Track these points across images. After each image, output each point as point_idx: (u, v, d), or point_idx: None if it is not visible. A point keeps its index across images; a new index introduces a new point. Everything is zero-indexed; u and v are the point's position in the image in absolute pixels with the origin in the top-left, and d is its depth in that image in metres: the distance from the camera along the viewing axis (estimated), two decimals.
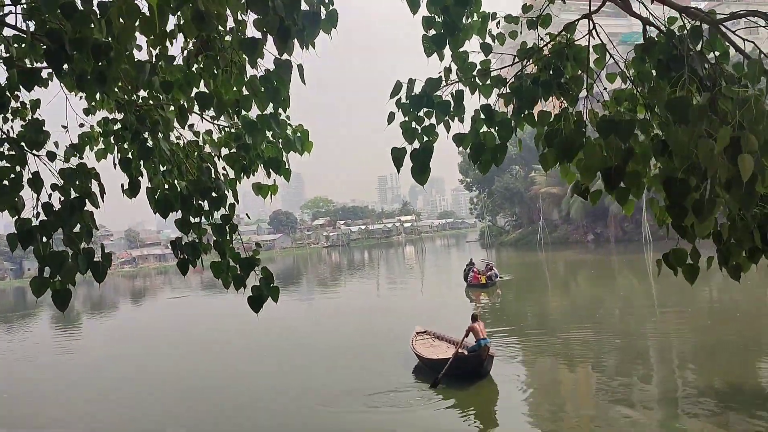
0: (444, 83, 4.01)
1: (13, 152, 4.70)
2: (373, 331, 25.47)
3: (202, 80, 4.42)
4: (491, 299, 32.51)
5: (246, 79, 4.19)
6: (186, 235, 5.42)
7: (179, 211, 5.34)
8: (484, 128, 4.08)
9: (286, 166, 5.84)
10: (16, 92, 5.53)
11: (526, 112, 4.16)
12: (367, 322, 28.34)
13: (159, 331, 33.47)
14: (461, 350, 16.68)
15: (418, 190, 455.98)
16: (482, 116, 4.08)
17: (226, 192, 5.27)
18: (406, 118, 4.02)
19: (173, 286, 75.82)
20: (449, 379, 16.21)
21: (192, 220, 5.46)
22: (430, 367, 16.98)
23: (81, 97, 6.18)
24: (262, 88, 3.94)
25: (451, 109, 4.05)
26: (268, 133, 5.81)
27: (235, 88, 4.36)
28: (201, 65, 4.40)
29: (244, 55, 4.13)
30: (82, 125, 6.20)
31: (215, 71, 4.21)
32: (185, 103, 4.51)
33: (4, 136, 5.37)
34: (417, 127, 4.02)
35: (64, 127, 6.07)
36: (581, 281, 40.79)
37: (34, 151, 4.52)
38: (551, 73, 4.13)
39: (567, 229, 76.13)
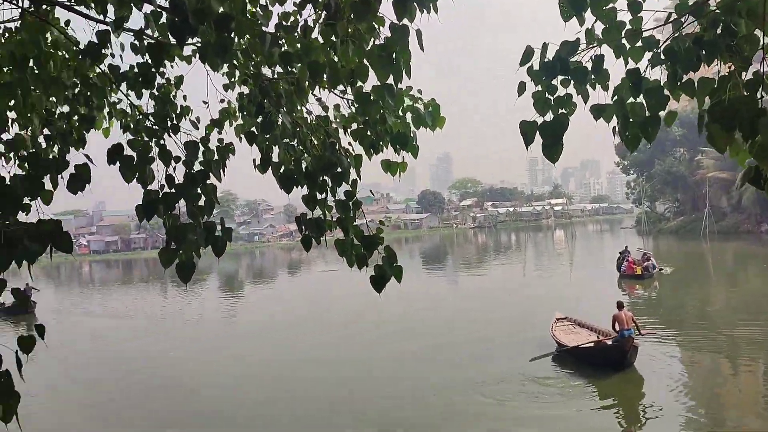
0: (582, 47, 3.50)
1: (148, 126, 4.85)
2: (514, 315, 24.78)
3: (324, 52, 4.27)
4: (647, 291, 30.30)
5: (365, 49, 3.95)
6: (312, 211, 5.33)
7: (305, 186, 5.26)
8: (631, 98, 3.52)
9: (414, 143, 5.56)
10: (162, 69, 5.73)
11: (683, 80, 3.53)
12: (509, 305, 27.66)
13: (308, 302, 34.97)
14: (603, 338, 16.01)
15: (571, 172, 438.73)
16: (629, 84, 3.52)
17: (349, 168, 5.11)
18: (538, 88, 3.56)
19: (326, 260, 79.21)
20: (590, 368, 15.41)
21: (318, 196, 5.35)
22: (569, 354, 16.27)
23: (223, 74, 6.32)
24: (379, 56, 3.69)
25: (591, 76, 3.52)
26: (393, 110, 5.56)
27: (356, 59, 4.14)
28: (320, 35, 4.23)
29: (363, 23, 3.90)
30: (222, 101, 6.32)
31: (333, 40, 4.02)
32: (304, 76, 4.37)
33: (142, 112, 5.59)
34: (550, 97, 3.54)
35: (205, 102, 6.22)
36: (751, 275, 36.79)
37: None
38: (718, 31, 3.45)
39: (737, 218, 69.24)
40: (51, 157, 4.76)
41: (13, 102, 4.51)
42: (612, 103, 3.61)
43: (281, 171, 5.10)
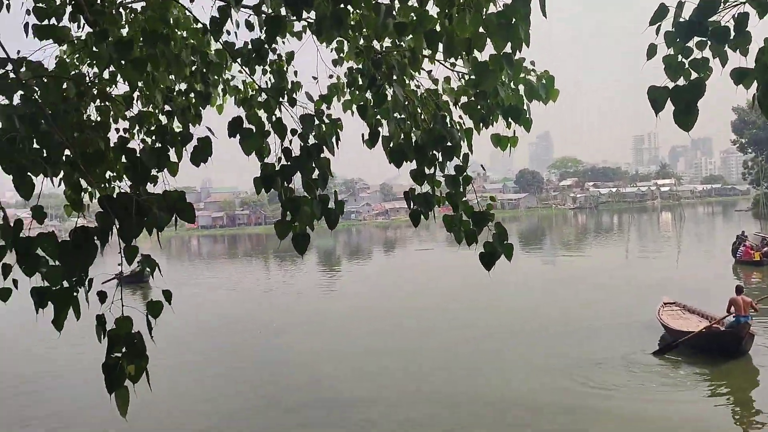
0: (722, 5, 3.20)
1: (262, 101, 4.97)
2: (616, 298, 23.84)
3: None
4: (766, 280, 28.29)
5: (482, 17, 3.82)
6: (420, 186, 5.30)
7: (413, 161, 5.22)
8: None
9: (528, 116, 5.38)
10: (274, 45, 5.85)
11: None
12: (610, 288, 26.64)
13: (404, 279, 35.21)
14: (716, 324, 15.07)
15: (680, 151, 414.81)
16: None
17: (460, 141, 5.02)
18: (671, 51, 3.30)
19: (420, 239, 79.45)
20: (701, 355, 14.62)
21: (426, 171, 5.31)
22: (686, 343, 15.45)
23: (332, 50, 6.37)
24: (497, 24, 3.56)
25: (731, 38, 3.23)
26: (506, 80, 5.41)
27: (472, 29, 4.03)
28: (435, 4, 4.15)
29: None
30: (331, 76, 6.38)
31: (447, 11, 3.93)
32: (418, 47, 4.31)
33: (261, 87, 5.72)
34: (684, 60, 3.28)
35: (314, 78, 6.30)
36: None
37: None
38: None
39: None
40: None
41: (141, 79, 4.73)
42: (753, 68, 3.30)
43: (391, 145, 5.09)
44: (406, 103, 4.95)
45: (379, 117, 5.42)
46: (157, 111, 5.08)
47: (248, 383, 15.22)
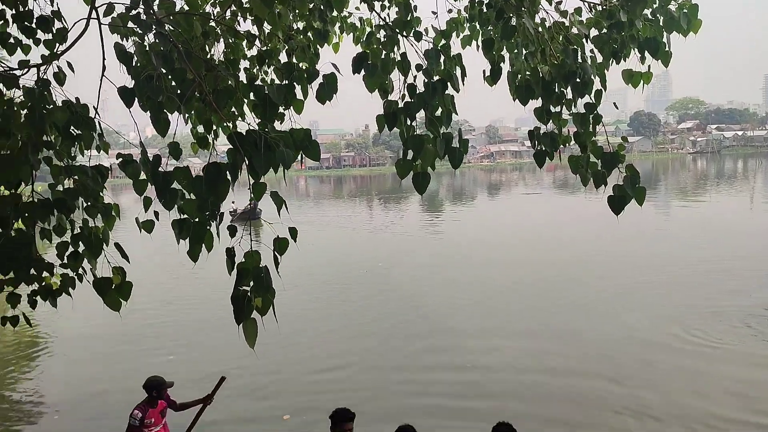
0: None
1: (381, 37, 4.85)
2: (736, 251, 22.29)
3: None
4: None
5: None
6: (545, 125, 5.05)
7: (539, 98, 4.97)
8: None
9: (666, 48, 4.96)
10: None
11: None
12: (730, 239, 24.92)
13: (509, 223, 34.66)
14: None
15: None
16: None
17: (592, 77, 4.70)
18: None
19: (526, 183, 77.81)
20: None
21: (552, 109, 5.04)
22: None
23: None
24: None
25: None
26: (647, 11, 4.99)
27: None
28: None
29: None
30: (450, 11, 6.15)
31: None
32: None
33: (382, 22, 5.59)
34: None
35: (434, 12, 6.09)
36: None
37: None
38: None
39: None
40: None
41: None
42: None
43: (517, 81, 4.86)
44: (537, 36, 4.67)
45: (502, 52, 5.19)
46: (279, 48, 5.09)
47: (368, 319, 15.74)
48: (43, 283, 4.62)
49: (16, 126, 3.92)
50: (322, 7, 5.85)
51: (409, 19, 4.85)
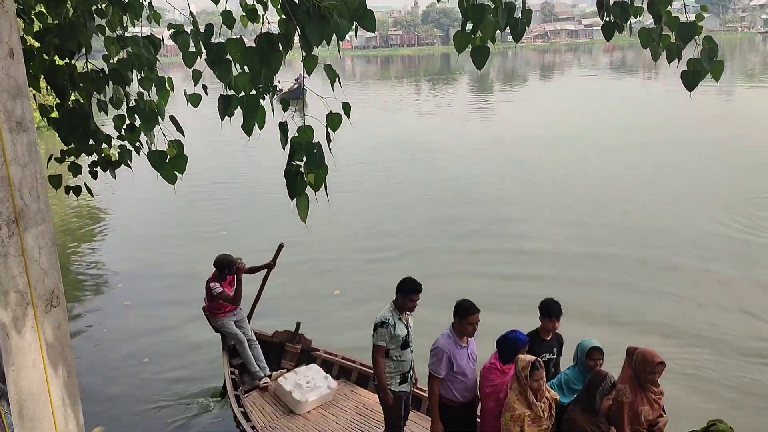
0: None
1: None
2: None
3: None
4: None
5: None
6: None
7: None
8: None
9: None
10: None
11: None
12: None
13: (563, 107, 33.57)
14: None
15: None
16: None
17: None
18: None
19: (581, 64, 74.51)
20: None
21: None
22: None
23: None
24: None
25: None
26: None
27: None
28: None
29: None
30: None
31: None
32: None
33: None
34: None
35: None
36: None
37: None
38: None
39: None
40: None
41: None
42: None
43: None
44: None
45: None
46: None
47: (415, 201, 15.88)
48: (102, 155, 4.73)
49: None
50: None
51: None
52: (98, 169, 4.79)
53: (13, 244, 1.99)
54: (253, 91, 3.60)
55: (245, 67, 3.73)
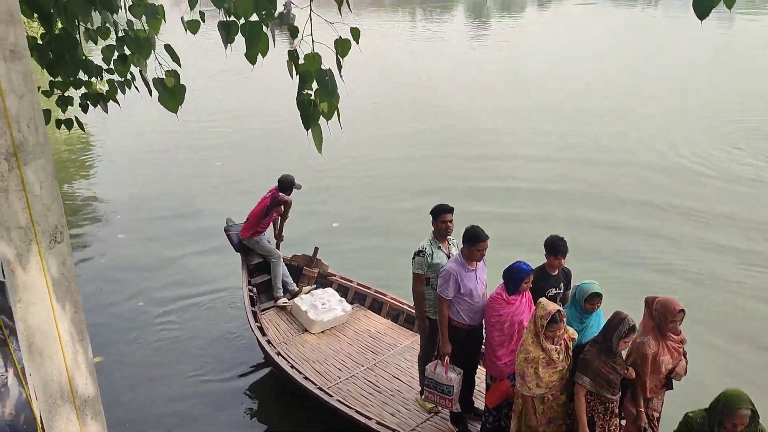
0: None
1: None
2: None
3: None
4: None
5: None
6: None
7: None
8: None
9: None
10: None
11: None
12: None
13: (564, 37, 32.78)
14: None
15: None
16: None
17: None
18: None
19: None
20: None
21: None
22: None
23: None
24: None
25: None
26: None
27: None
28: None
29: None
30: None
31: None
32: None
33: None
34: None
35: None
36: None
37: None
38: None
39: None
40: None
41: None
42: None
43: None
44: None
45: None
46: None
47: (415, 130, 15.72)
48: (92, 89, 4.56)
49: None
50: None
51: None
52: (88, 102, 4.62)
53: (14, 179, 1.91)
54: (255, 17, 3.44)
55: None
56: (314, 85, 3.50)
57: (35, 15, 3.82)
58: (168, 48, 4.12)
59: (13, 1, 1.79)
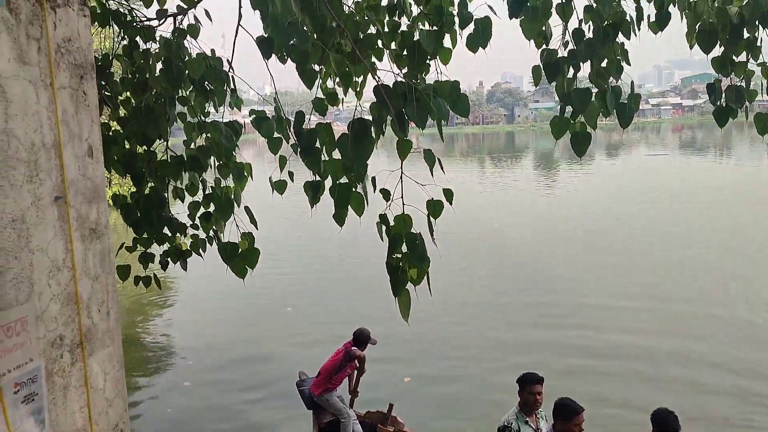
0: None
1: None
2: None
3: None
4: None
5: None
6: (726, 76, 4.32)
7: (723, 47, 4.22)
8: None
9: None
10: None
11: None
12: None
13: (633, 186, 32.60)
14: None
15: None
16: None
17: None
18: None
19: (649, 143, 73.28)
20: None
21: (735, 58, 4.29)
22: None
23: None
24: None
25: None
26: None
27: None
28: None
29: None
30: None
31: None
32: None
33: None
34: None
35: None
36: None
37: None
38: None
39: None
40: None
41: None
42: None
43: (698, 25, 4.13)
44: None
45: None
46: None
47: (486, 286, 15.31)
48: (174, 244, 4.53)
49: (152, 79, 3.73)
50: None
51: None
52: (169, 259, 4.58)
53: (75, 373, 1.69)
54: (344, 179, 3.35)
55: (332, 154, 3.52)
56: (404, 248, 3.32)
57: (128, 175, 3.89)
58: (247, 210, 4.07)
59: (100, 176, 1.68)
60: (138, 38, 4.12)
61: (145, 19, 4.19)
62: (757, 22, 3.94)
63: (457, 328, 12.30)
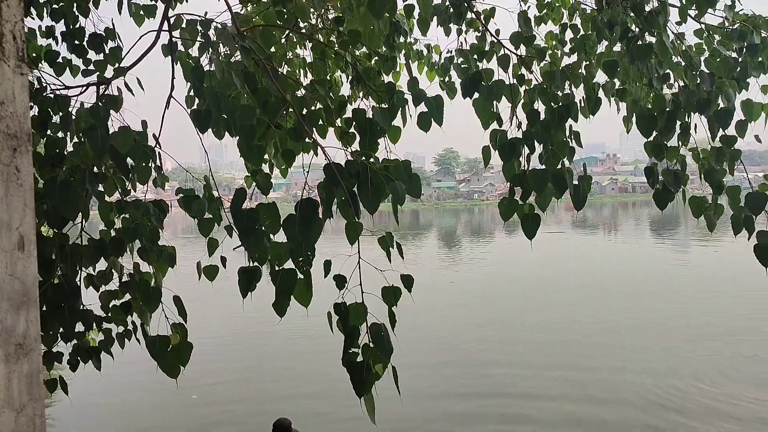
0: None
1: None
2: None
3: None
4: None
5: None
6: (659, 160, 4.42)
7: (655, 132, 4.34)
8: None
9: None
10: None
11: None
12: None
13: (536, 262, 33.60)
14: None
15: None
16: None
17: (732, 106, 4.04)
18: None
19: (545, 222, 76.27)
20: None
21: (667, 143, 4.43)
22: None
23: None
24: None
25: None
26: None
27: None
28: None
29: None
30: (533, 36, 5.56)
31: None
32: None
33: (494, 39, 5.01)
34: None
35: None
36: None
37: None
38: None
39: None
40: None
41: None
42: None
43: (636, 111, 4.21)
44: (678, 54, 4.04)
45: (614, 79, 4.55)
46: (374, 68, 4.49)
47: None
48: (84, 340, 3.95)
49: (74, 153, 3.31)
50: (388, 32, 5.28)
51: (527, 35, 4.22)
52: (79, 358, 3.97)
53: None
54: (289, 264, 3.02)
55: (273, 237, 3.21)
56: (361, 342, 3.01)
57: None
58: (176, 300, 3.63)
59: (32, 275, 1.30)
60: (49, 109, 3.70)
61: (61, 87, 3.78)
62: (691, 110, 4.06)
63: None
